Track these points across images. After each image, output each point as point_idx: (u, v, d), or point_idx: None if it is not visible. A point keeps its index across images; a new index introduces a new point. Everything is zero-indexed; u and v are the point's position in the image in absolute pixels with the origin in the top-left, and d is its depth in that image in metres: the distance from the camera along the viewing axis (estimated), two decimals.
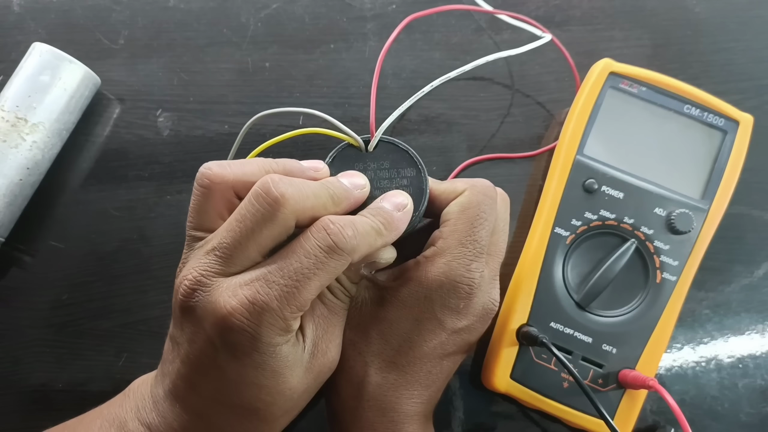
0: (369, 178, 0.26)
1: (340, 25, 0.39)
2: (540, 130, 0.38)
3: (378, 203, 0.25)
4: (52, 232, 0.35)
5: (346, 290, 0.26)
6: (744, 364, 0.35)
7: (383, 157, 0.26)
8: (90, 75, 0.35)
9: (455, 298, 0.25)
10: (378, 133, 0.26)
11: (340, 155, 0.26)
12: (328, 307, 0.25)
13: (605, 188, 0.33)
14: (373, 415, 0.26)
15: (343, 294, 0.26)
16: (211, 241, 0.23)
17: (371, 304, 0.26)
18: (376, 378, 0.26)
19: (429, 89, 0.27)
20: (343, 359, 0.26)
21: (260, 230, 0.22)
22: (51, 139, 0.33)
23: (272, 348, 0.22)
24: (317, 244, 0.22)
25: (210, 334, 0.22)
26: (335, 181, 0.25)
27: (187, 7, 0.39)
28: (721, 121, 0.34)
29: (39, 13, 0.38)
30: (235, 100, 0.37)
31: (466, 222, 0.25)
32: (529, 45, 0.34)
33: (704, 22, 0.41)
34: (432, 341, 0.26)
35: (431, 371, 0.26)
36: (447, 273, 0.25)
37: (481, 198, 0.26)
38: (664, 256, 0.32)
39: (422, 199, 0.25)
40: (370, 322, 0.26)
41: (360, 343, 0.26)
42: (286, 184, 0.22)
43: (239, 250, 0.22)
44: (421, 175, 0.26)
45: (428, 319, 0.25)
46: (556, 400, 0.31)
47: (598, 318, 0.32)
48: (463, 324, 0.26)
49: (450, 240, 0.25)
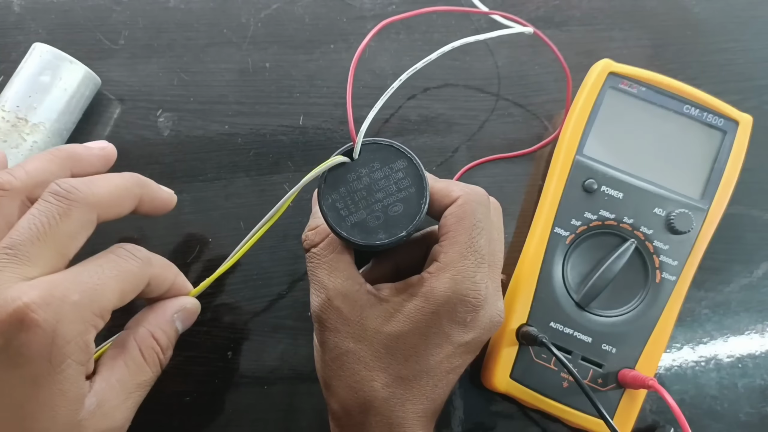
0: (365, 183, 0.25)
1: (340, 26, 0.39)
2: (539, 130, 0.38)
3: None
4: None
5: (159, 352, 0.25)
6: (743, 364, 0.35)
7: (371, 159, 0.26)
8: (90, 75, 0.35)
9: (463, 312, 0.25)
10: (359, 138, 0.25)
11: (331, 174, 0.26)
12: (129, 367, 0.24)
13: (605, 188, 0.33)
14: (381, 429, 0.26)
15: (154, 355, 0.25)
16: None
17: (375, 318, 0.26)
18: (383, 393, 0.25)
19: (398, 84, 0.27)
20: (348, 374, 0.26)
21: (56, 226, 0.21)
22: (51, 139, 0.34)
23: (63, 359, 0.20)
24: (50, 197, 0.22)
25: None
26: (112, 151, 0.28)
27: (187, 7, 0.39)
28: (720, 122, 0.34)
29: (39, 13, 0.38)
30: (235, 100, 0.37)
31: (463, 233, 0.25)
32: (506, 30, 0.34)
33: (703, 23, 0.41)
34: (438, 355, 0.26)
35: (437, 385, 0.26)
36: (452, 287, 0.25)
37: (475, 206, 0.26)
38: (663, 255, 0.32)
39: (423, 183, 0.25)
40: (376, 337, 0.26)
41: (366, 358, 0.26)
42: (78, 180, 0.23)
43: (34, 248, 0.21)
44: (413, 162, 0.25)
45: (435, 333, 0.25)
46: (555, 400, 0.31)
47: (597, 318, 0.32)
48: (470, 337, 0.26)
49: (451, 254, 0.25)
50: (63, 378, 0.21)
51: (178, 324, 0.27)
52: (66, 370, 0.21)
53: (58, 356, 0.20)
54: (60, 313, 0.20)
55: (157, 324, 0.26)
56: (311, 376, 0.33)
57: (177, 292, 0.27)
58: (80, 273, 0.22)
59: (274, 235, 0.35)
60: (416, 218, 0.25)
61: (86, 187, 0.23)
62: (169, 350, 0.26)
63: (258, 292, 0.34)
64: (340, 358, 0.26)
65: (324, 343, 0.27)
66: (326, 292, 0.26)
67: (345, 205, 0.25)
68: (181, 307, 0.27)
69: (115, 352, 0.24)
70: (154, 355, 0.25)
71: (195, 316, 0.28)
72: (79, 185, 0.23)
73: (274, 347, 0.33)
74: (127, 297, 0.23)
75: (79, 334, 0.21)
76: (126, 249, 0.24)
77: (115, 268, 0.23)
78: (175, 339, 0.27)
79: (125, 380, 0.24)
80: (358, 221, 0.25)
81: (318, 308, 0.26)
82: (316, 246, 0.27)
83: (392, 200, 0.25)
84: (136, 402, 0.24)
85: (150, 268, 0.25)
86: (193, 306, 0.28)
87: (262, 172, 0.36)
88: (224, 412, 0.32)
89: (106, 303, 0.22)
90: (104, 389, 0.23)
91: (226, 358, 0.33)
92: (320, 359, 0.27)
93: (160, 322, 0.26)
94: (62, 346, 0.20)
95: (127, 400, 0.24)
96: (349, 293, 0.26)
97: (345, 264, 0.27)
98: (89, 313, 0.21)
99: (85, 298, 0.21)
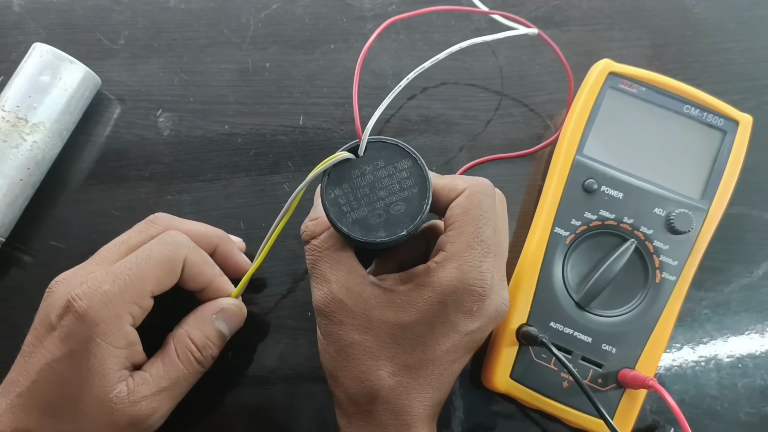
0: (369, 181, 0.25)
1: (340, 25, 0.39)
2: (539, 130, 0.38)
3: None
4: (53, 232, 0.35)
5: (194, 350, 0.28)
6: (743, 364, 0.35)
7: (376, 157, 0.26)
8: (90, 75, 0.35)
9: (469, 301, 0.25)
10: (365, 135, 0.25)
11: (335, 169, 0.26)
12: (165, 364, 0.27)
13: (605, 188, 0.33)
14: (387, 417, 0.26)
15: (188, 353, 0.27)
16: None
17: (380, 307, 0.26)
18: (389, 382, 0.26)
19: (405, 83, 0.27)
20: (354, 364, 0.26)
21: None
22: (51, 139, 0.34)
23: (93, 338, 0.25)
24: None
25: (53, 322, 0.25)
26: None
27: (187, 7, 0.39)
28: (720, 122, 0.34)
29: (39, 13, 0.38)
30: (235, 100, 0.37)
31: (470, 223, 0.25)
32: (511, 32, 0.34)
33: (704, 23, 0.41)
34: (445, 344, 0.26)
35: (443, 374, 0.26)
36: (459, 277, 0.25)
37: (482, 197, 0.26)
38: (663, 255, 0.32)
39: (426, 184, 0.25)
40: (382, 327, 0.26)
41: (372, 348, 0.26)
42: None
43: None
44: (417, 163, 0.25)
45: (442, 323, 0.25)
46: (555, 400, 0.31)
47: (597, 318, 0.32)
48: (476, 326, 0.26)
49: (458, 243, 0.25)
50: (93, 354, 0.25)
51: (220, 324, 0.29)
52: (95, 349, 0.25)
53: (89, 335, 0.25)
54: (93, 301, 0.25)
55: (194, 324, 0.28)
56: (311, 376, 0.33)
57: (217, 291, 0.29)
58: (117, 266, 0.26)
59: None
60: (417, 218, 0.25)
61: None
62: (207, 349, 0.28)
63: (258, 292, 0.34)
64: (345, 349, 0.26)
65: (328, 335, 0.27)
66: (329, 285, 0.26)
67: (347, 201, 0.25)
68: (219, 308, 0.29)
69: (159, 351, 0.28)
70: (188, 354, 0.27)
71: (240, 317, 0.30)
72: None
73: (274, 347, 0.33)
74: (165, 281, 0.27)
75: (110, 318, 0.25)
76: (163, 238, 0.28)
77: (150, 258, 0.27)
78: (219, 339, 0.29)
79: (159, 375, 0.27)
80: (359, 218, 0.25)
81: (321, 301, 0.26)
82: (316, 238, 0.27)
83: (395, 199, 0.25)
84: (170, 397, 0.27)
85: (181, 250, 0.28)
86: (233, 307, 0.29)
87: (262, 172, 0.36)
88: (224, 412, 0.32)
89: (139, 291, 0.26)
90: (139, 380, 0.26)
91: (226, 358, 0.33)
92: (325, 351, 0.27)
93: (198, 322, 0.28)
94: (92, 327, 0.25)
95: (160, 394, 0.26)
96: (352, 285, 0.26)
97: (347, 256, 0.27)
98: (120, 300, 0.25)
99: (115, 287, 0.25)
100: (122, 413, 0.25)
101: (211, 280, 0.29)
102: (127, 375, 0.26)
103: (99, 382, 0.25)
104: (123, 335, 0.26)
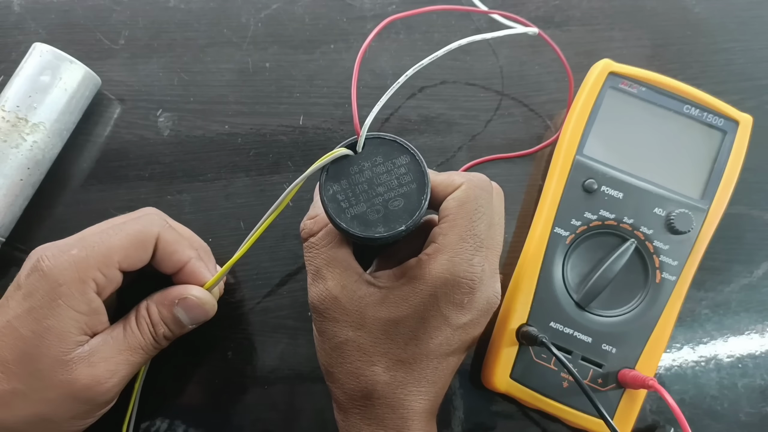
0: (367, 177, 0.25)
1: (340, 25, 0.39)
2: (539, 130, 0.38)
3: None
4: (53, 232, 0.35)
5: (149, 324, 0.28)
6: (743, 364, 0.35)
7: (374, 153, 0.26)
8: (90, 75, 0.35)
9: (459, 294, 0.25)
10: (363, 131, 0.25)
11: (333, 166, 0.26)
12: (126, 330, 0.27)
13: (605, 188, 0.33)
14: (383, 412, 0.26)
15: (144, 325, 0.28)
16: None
17: (374, 305, 0.26)
18: (384, 377, 0.26)
19: (404, 79, 0.27)
20: (349, 361, 0.26)
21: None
22: (51, 139, 0.34)
23: (55, 298, 0.25)
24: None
25: (21, 282, 0.26)
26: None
27: (187, 7, 0.39)
28: (720, 122, 0.34)
29: (39, 13, 0.38)
30: (235, 100, 0.37)
31: (464, 217, 0.26)
32: (510, 30, 0.34)
33: (704, 23, 0.41)
34: (438, 338, 0.26)
35: (437, 367, 0.26)
36: (450, 269, 0.25)
37: (478, 192, 0.26)
38: (663, 255, 0.32)
39: (424, 180, 0.25)
40: (375, 323, 0.26)
41: (366, 345, 0.26)
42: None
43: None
44: (415, 159, 0.26)
45: (433, 316, 0.26)
46: (555, 400, 0.31)
47: (597, 318, 0.32)
48: (468, 318, 0.26)
49: (450, 236, 0.26)
50: (54, 315, 0.25)
51: (179, 312, 0.28)
52: (56, 309, 0.25)
53: (50, 294, 0.25)
54: (59, 261, 0.25)
55: (156, 301, 0.28)
56: (311, 376, 0.33)
57: (192, 275, 0.29)
58: (88, 233, 0.27)
59: (273, 235, 0.35)
60: (416, 213, 0.25)
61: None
62: (160, 327, 0.28)
63: (258, 292, 0.34)
64: (340, 346, 0.26)
65: (323, 333, 0.27)
66: (324, 282, 0.26)
67: (346, 197, 0.25)
68: (184, 294, 0.28)
69: (121, 319, 0.28)
70: (144, 325, 0.28)
71: (203, 310, 0.29)
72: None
73: (274, 347, 0.33)
74: (134, 255, 0.27)
75: (73, 281, 0.25)
76: (137, 213, 0.29)
77: (123, 229, 0.27)
78: (175, 324, 0.28)
79: (119, 339, 0.27)
80: (358, 214, 0.25)
81: (316, 299, 0.27)
82: (315, 235, 0.27)
83: (393, 195, 0.25)
84: (127, 363, 0.27)
85: (154, 227, 0.28)
86: (197, 299, 0.28)
87: (262, 172, 0.36)
88: (224, 412, 0.32)
89: (105, 259, 0.26)
90: (98, 342, 0.26)
91: (226, 358, 0.33)
92: (320, 348, 0.28)
93: (159, 300, 0.28)
94: (54, 287, 0.25)
95: (118, 357, 0.26)
96: (347, 284, 0.26)
97: (343, 254, 0.27)
98: (85, 265, 0.25)
99: (82, 252, 0.26)
100: (80, 373, 0.25)
101: (185, 261, 0.28)
102: (86, 340, 0.26)
103: (57, 343, 0.25)
104: (86, 301, 0.26)
